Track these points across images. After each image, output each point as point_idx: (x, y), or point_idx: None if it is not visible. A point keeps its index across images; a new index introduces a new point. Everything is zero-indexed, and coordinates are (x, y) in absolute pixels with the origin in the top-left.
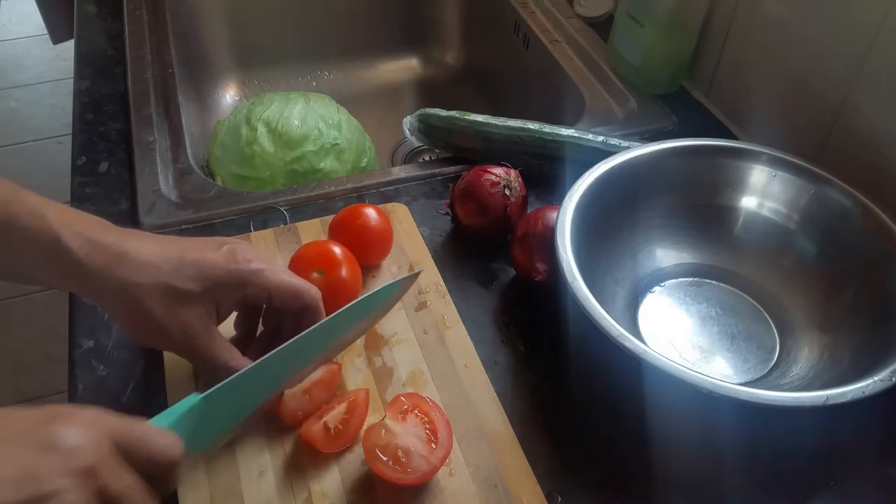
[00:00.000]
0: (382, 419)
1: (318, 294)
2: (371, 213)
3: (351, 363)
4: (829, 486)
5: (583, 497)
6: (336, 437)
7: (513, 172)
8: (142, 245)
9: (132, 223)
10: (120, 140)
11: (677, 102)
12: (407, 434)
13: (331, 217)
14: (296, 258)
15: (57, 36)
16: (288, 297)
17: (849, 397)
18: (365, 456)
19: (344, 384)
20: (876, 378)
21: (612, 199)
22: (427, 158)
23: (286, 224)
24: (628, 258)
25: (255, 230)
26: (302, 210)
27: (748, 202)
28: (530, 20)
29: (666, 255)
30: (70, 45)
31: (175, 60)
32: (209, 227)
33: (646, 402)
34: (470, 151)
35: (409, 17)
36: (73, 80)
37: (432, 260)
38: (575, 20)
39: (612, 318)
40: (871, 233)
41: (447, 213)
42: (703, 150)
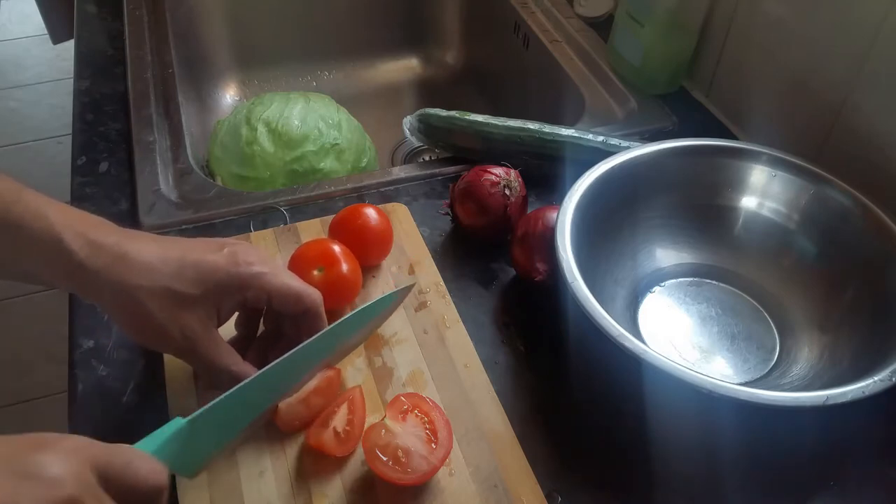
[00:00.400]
0: (382, 419)
1: (319, 297)
2: (371, 213)
3: (351, 363)
4: (829, 486)
5: (583, 497)
6: (346, 440)
7: (513, 172)
8: (143, 247)
9: (132, 223)
10: (120, 140)
11: (677, 102)
12: (407, 434)
13: (331, 217)
14: (296, 256)
15: (57, 36)
16: (288, 300)
17: (849, 397)
18: (365, 456)
19: (344, 385)
20: (876, 378)
21: (612, 199)
22: (427, 158)
23: (286, 224)
24: (628, 258)
25: (255, 230)
26: (302, 210)
27: (748, 202)
28: (530, 20)
29: (666, 255)
30: (70, 45)
31: (175, 60)
32: (209, 227)
33: (646, 402)
34: (470, 151)
35: (409, 17)
36: (73, 80)
37: (432, 260)
38: (575, 20)
39: (612, 318)
40: (871, 233)
41: (447, 213)
42: (703, 150)
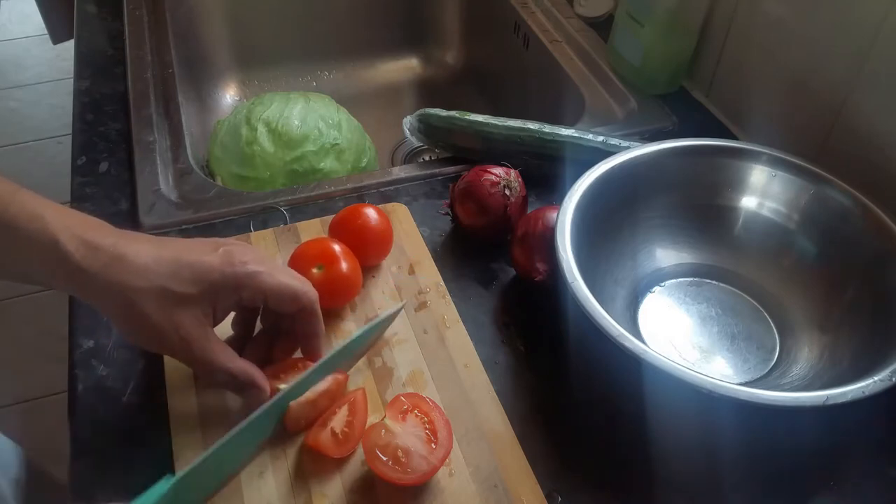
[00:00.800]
0: (382, 419)
1: (315, 296)
2: (371, 213)
3: None
4: (829, 486)
5: (583, 497)
6: (344, 441)
7: (513, 172)
8: (139, 248)
9: (132, 223)
10: (120, 140)
11: (677, 102)
12: (407, 434)
13: (331, 217)
14: (296, 255)
15: (57, 36)
16: (284, 299)
17: (849, 397)
18: (365, 456)
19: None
20: (876, 378)
21: (612, 199)
22: (427, 158)
23: (286, 224)
24: (628, 258)
25: (255, 230)
26: (302, 210)
27: (748, 202)
28: (530, 20)
29: (666, 255)
30: (70, 45)
31: (175, 60)
32: (209, 227)
33: (646, 402)
34: (470, 151)
35: (409, 17)
36: (73, 80)
37: (432, 260)
38: (575, 20)
39: (612, 318)
40: (871, 233)
41: (447, 213)
42: (703, 150)
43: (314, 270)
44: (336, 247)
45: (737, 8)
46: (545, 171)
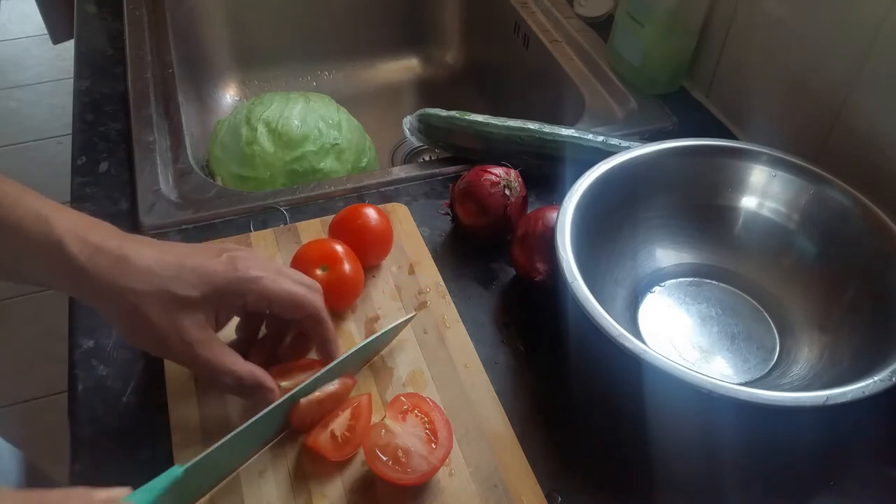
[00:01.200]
0: (382, 419)
1: (320, 303)
2: (371, 213)
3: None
4: (829, 486)
5: (583, 497)
6: (344, 445)
7: (513, 172)
8: (143, 251)
9: (132, 223)
10: (120, 140)
11: (677, 102)
12: (407, 434)
13: (331, 217)
14: (298, 256)
15: (57, 36)
16: (287, 306)
17: (849, 397)
18: (365, 456)
19: None
20: (876, 378)
21: (612, 199)
22: (427, 158)
23: (286, 224)
24: (628, 258)
25: (255, 230)
26: (302, 210)
27: (748, 202)
28: (530, 20)
29: (666, 255)
30: (70, 45)
31: (175, 60)
32: (209, 227)
33: (646, 402)
34: (470, 151)
35: (409, 17)
36: (73, 80)
37: (432, 260)
38: (575, 20)
39: (612, 318)
40: (871, 233)
41: (447, 213)
42: (703, 150)
43: (318, 272)
44: (339, 248)
45: (737, 8)
46: (545, 171)
